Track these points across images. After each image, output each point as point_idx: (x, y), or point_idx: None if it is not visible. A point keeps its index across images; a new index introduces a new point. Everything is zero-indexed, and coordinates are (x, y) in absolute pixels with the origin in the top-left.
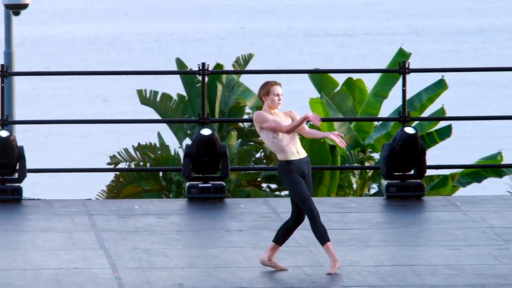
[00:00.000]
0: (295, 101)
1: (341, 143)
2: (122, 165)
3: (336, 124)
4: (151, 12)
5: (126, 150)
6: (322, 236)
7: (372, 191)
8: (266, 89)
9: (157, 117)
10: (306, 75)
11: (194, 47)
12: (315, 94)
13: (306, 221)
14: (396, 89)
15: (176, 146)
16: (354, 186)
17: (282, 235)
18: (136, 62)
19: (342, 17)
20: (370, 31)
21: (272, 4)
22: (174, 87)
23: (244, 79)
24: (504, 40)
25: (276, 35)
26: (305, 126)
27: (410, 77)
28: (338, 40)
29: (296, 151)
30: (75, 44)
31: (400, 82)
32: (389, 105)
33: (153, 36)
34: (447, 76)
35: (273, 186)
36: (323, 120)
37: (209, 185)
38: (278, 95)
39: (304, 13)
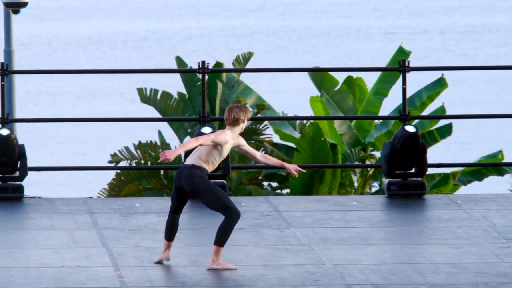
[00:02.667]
0: (295, 99)
1: (296, 172)
2: (123, 164)
3: (336, 123)
4: (139, 10)
5: (127, 148)
6: (226, 239)
7: (374, 190)
8: (248, 115)
9: (158, 115)
10: (306, 74)
11: (188, 46)
12: (315, 93)
13: (312, 220)
14: (396, 87)
15: (176, 144)
16: (355, 184)
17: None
18: (133, 60)
19: (339, 15)
20: (368, 29)
21: (261, 2)
22: (175, 85)
23: (244, 77)
24: (495, 39)
25: (273, 33)
26: (256, 154)
27: (410, 75)
28: (337, 38)
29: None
30: (74, 42)
31: (400, 80)
32: (390, 104)
33: (144, 34)
34: (447, 74)
35: (274, 184)
36: (324, 118)
37: None
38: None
39: (299, 11)
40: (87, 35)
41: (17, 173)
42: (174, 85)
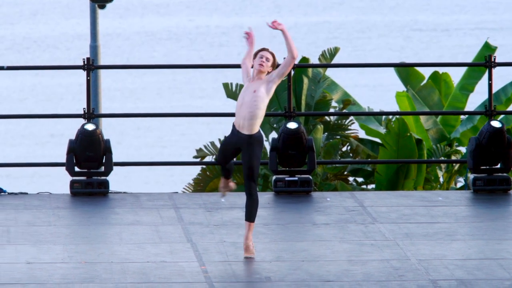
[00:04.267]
0: (381, 94)
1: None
2: (208, 159)
3: (422, 118)
4: (220, 6)
5: (212, 143)
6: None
7: (459, 185)
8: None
9: None
10: (391, 69)
11: (273, 41)
12: (401, 88)
13: (397, 216)
14: (482, 83)
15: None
16: (441, 179)
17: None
18: (214, 55)
19: (422, 11)
20: (455, 25)
21: None
22: None
23: (330, 72)
24: None
25: (355, 29)
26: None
27: (496, 70)
28: (422, 34)
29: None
30: (155, 37)
31: (486, 76)
32: (475, 99)
33: (225, 29)
34: None
35: (360, 179)
36: (410, 113)
37: (296, 178)
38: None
39: (384, 6)
40: (168, 30)
41: (103, 168)
42: None
